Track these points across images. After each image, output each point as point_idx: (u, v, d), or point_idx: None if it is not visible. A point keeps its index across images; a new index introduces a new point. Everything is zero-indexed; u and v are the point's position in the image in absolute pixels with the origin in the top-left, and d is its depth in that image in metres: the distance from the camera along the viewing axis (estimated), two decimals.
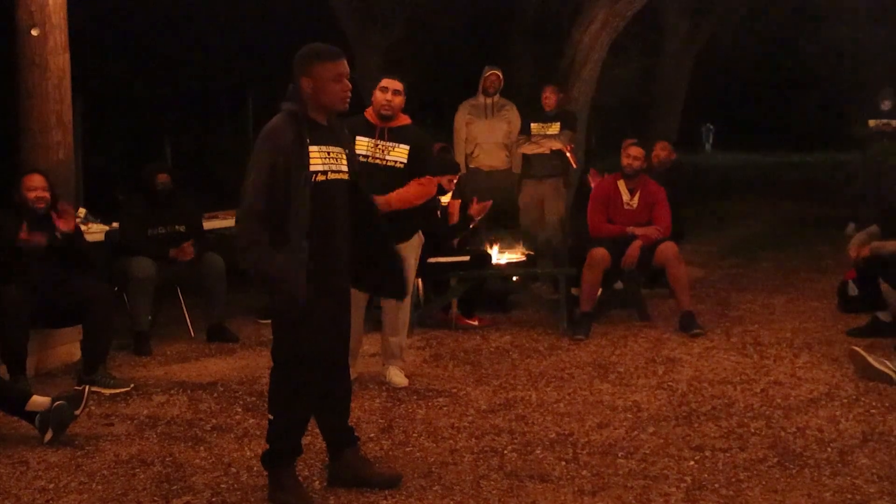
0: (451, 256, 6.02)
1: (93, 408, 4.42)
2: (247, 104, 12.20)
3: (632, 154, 5.96)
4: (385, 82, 4.58)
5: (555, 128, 7.19)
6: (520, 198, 7.39)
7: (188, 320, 5.95)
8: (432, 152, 4.81)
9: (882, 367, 4.59)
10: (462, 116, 7.47)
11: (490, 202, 6.34)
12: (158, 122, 12.29)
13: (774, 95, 20.63)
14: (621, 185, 6.01)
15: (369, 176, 4.32)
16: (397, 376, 4.78)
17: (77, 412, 3.98)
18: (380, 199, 4.22)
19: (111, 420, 4.29)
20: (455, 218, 6.15)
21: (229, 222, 6.85)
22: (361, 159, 4.37)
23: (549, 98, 7.23)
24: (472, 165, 7.40)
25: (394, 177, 4.58)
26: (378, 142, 4.54)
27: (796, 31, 13.98)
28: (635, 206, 5.98)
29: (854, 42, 13.95)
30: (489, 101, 7.39)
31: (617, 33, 8.43)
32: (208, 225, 6.42)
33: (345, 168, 3.35)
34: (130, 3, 10.62)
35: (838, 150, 18.52)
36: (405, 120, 4.66)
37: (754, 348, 5.35)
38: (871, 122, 9.21)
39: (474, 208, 6.23)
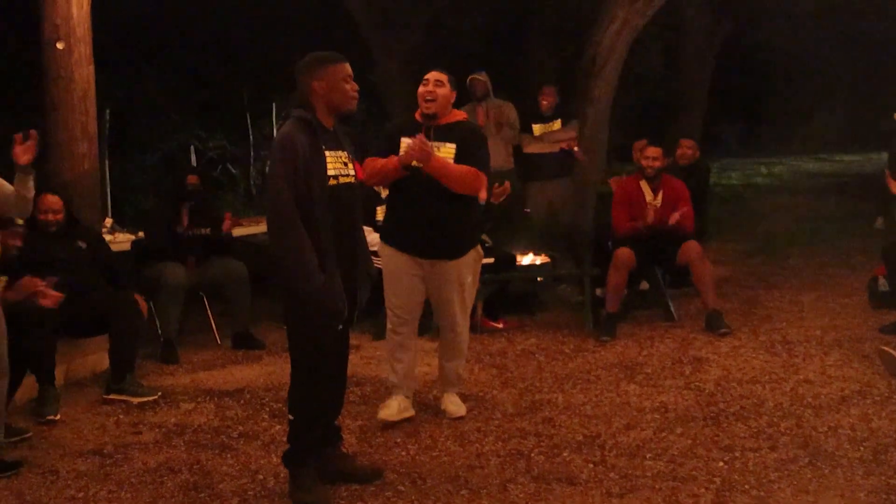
0: None
1: (121, 416, 4.47)
2: (270, 111, 12.32)
3: (650, 155, 5.93)
4: (427, 75, 4.13)
5: (557, 125, 7.24)
6: (527, 203, 7.31)
7: (214, 328, 5.98)
8: (483, 148, 4.15)
9: None
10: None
11: (508, 184, 6.27)
12: (184, 130, 12.41)
13: (799, 92, 20.43)
14: (644, 185, 5.98)
15: (416, 180, 3.98)
16: (453, 405, 4.32)
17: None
18: (425, 153, 3.90)
19: (139, 428, 4.33)
20: None
21: (253, 229, 6.88)
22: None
23: (548, 99, 7.28)
24: None
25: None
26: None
27: (820, 27, 13.82)
28: (659, 204, 5.94)
29: (880, 37, 13.77)
30: (482, 106, 7.24)
31: (637, 32, 8.38)
32: (233, 232, 6.45)
33: (351, 172, 3.42)
34: (155, 14, 10.73)
35: (864, 146, 18.32)
36: (457, 116, 4.16)
37: (783, 346, 5.29)
38: None
39: (495, 194, 6.20)
